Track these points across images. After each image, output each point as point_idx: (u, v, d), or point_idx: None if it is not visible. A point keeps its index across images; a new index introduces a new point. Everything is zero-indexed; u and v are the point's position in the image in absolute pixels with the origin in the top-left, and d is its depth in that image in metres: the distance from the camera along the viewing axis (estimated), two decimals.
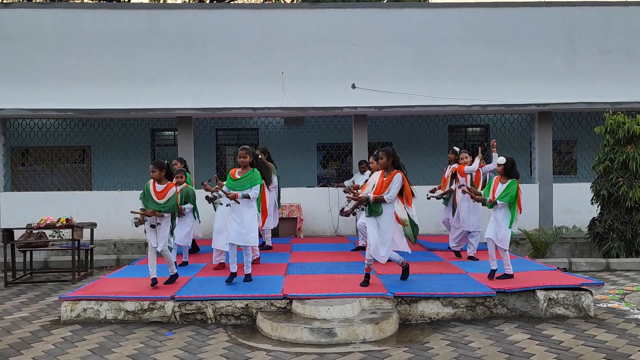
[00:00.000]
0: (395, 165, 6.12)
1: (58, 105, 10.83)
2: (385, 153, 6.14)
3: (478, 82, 11.19)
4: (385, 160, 6.11)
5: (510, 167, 6.33)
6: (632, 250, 9.13)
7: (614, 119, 9.31)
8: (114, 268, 8.98)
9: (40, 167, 12.83)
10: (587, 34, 11.47)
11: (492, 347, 4.83)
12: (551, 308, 5.82)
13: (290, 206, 10.76)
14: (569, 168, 13.23)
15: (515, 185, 6.23)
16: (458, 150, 8.47)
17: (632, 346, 4.83)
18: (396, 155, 6.14)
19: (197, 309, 5.73)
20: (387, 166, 6.12)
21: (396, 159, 6.13)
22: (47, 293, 7.47)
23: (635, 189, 9.00)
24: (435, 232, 10.27)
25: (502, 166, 6.35)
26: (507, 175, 6.32)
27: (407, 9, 11.42)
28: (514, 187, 6.21)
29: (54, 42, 11.17)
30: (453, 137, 13.41)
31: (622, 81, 11.30)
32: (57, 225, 8.21)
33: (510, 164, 6.34)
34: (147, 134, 13.01)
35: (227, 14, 11.58)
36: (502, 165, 6.36)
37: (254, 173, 6.43)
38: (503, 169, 6.35)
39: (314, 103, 11.00)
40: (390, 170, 6.10)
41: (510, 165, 6.33)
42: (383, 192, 5.99)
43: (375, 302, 5.68)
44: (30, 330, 5.55)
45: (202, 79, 11.18)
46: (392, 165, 6.12)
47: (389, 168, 6.12)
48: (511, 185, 6.23)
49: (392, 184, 5.99)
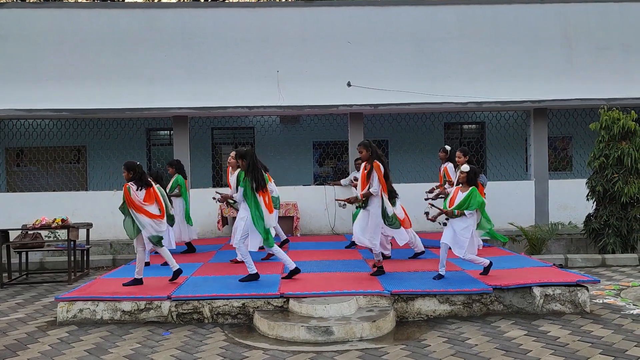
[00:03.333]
0: (374, 157, 6.30)
1: (53, 105, 10.78)
2: (363, 146, 6.36)
3: (474, 79, 11.19)
4: (365, 153, 6.33)
5: (473, 176, 6.25)
6: (627, 246, 9.16)
7: (609, 115, 9.33)
8: (110, 268, 8.97)
9: (36, 168, 12.78)
10: (584, 30, 11.47)
11: (488, 344, 4.84)
12: (547, 304, 5.84)
13: (287, 205, 10.75)
14: (564, 164, 13.26)
15: (476, 192, 6.16)
16: (449, 148, 8.49)
17: (628, 341, 4.85)
18: (373, 146, 6.35)
19: (194, 308, 5.72)
20: (367, 158, 6.32)
21: (374, 149, 6.34)
22: (43, 294, 7.44)
23: (630, 185, 9.03)
24: (431, 229, 10.27)
25: (466, 174, 6.25)
26: (469, 183, 6.25)
27: (403, 7, 11.39)
28: (475, 193, 6.13)
29: (49, 41, 11.11)
30: (449, 135, 13.42)
31: (619, 77, 11.30)
32: (52, 226, 8.17)
33: (473, 173, 6.27)
34: (143, 133, 12.97)
35: (222, 12, 11.54)
36: (465, 172, 6.25)
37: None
38: (466, 176, 6.24)
39: (310, 101, 10.98)
40: (371, 162, 6.29)
41: (472, 174, 6.25)
42: (367, 186, 6.23)
43: (372, 300, 5.68)
44: (26, 332, 5.54)
45: (197, 78, 11.14)
46: (371, 156, 6.27)
47: (370, 160, 6.31)
48: (472, 192, 6.14)
49: (372, 176, 6.23)
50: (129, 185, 6.16)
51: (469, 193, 6.15)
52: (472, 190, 6.18)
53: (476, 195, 6.15)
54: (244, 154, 6.41)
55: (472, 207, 6.12)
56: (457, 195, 6.26)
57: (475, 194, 6.17)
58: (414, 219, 10.89)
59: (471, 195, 6.14)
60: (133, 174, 6.24)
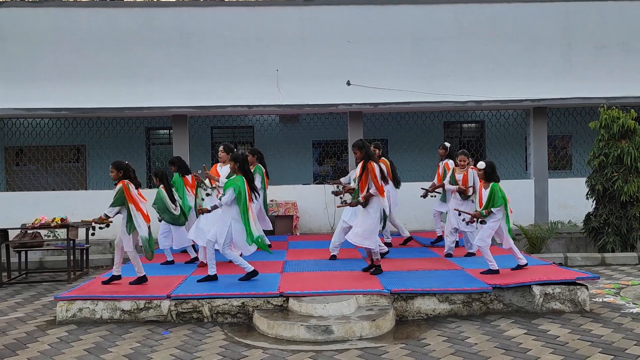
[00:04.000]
0: (367, 157, 6.32)
1: (52, 105, 10.77)
2: (356, 147, 6.40)
3: (473, 78, 11.18)
4: (360, 154, 6.36)
5: (490, 172, 6.35)
6: (627, 245, 9.16)
7: (609, 114, 9.32)
8: (110, 267, 8.94)
9: (35, 167, 12.77)
10: (583, 29, 11.45)
11: (488, 343, 4.84)
12: (547, 303, 5.84)
13: (286, 204, 10.74)
14: (564, 163, 13.26)
15: (497, 187, 6.27)
16: (449, 145, 8.48)
17: (627, 340, 4.85)
18: (366, 146, 6.38)
19: (194, 307, 5.72)
20: (362, 158, 6.35)
21: (367, 149, 6.36)
22: (42, 293, 7.44)
23: (630, 184, 9.02)
24: (431, 228, 10.27)
25: (482, 171, 6.36)
26: (487, 179, 6.35)
27: (402, 6, 11.37)
28: (496, 189, 6.25)
29: (48, 40, 11.08)
30: (448, 134, 13.42)
31: (618, 76, 11.28)
32: (52, 225, 8.17)
33: (490, 168, 6.36)
34: (142, 132, 12.96)
35: (221, 11, 11.51)
36: (482, 170, 6.36)
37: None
38: (483, 173, 6.36)
39: (309, 100, 10.98)
40: (365, 161, 6.32)
41: (490, 170, 6.35)
42: (366, 187, 6.26)
43: (371, 299, 5.68)
44: (25, 331, 5.53)
45: (197, 77, 11.12)
46: (365, 156, 6.28)
47: (365, 160, 6.34)
48: (493, 188, 6.26)
49: (370, 177, 6.27)
50: (126, 182, 6.13)
51: (490, 190, 6.27)
52: (493, 186, 6.28)
53: (498, 191, 6.24)
54: (237, 157, 6.31)
55: (497, 204, 6.22)
56: (482, 194, 6.40)
57: (497, 190, 6.25)
58: (414, 218, 11.01)
59: (493, 192, 6.24)
60: (123, 173, 6.17)
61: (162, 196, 7.51)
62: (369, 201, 6.38)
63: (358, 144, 6.37)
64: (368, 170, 6.25)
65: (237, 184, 6.21)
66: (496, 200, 6.21)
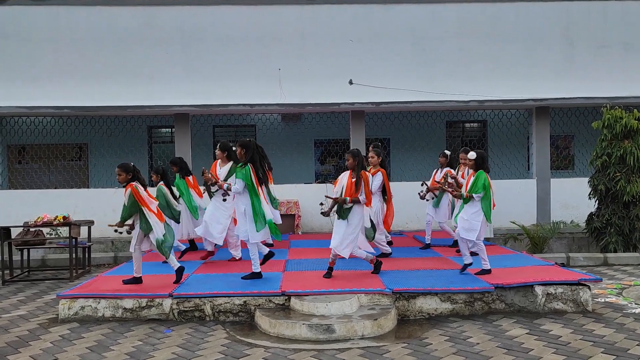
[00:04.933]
0: (360, 167, 6.31)
1: (54, 103, 10.78)
2: (351, 155, 6.36)
3: (475, 78, 11.16)
4: (352, 161, 6.31)
5: (481, 162, 6.41)
6: (629, 245, 9.14)
7: (612, 113, 9.30)
8: (112, 266, 8.97)
9: (37, 165, 12.79)
10: (585, 28, 11.43)
11: (490, 342, 4.84)
12: (549, 303, 5.83)
13: (288, 203, 10.75)
14: (566, 163, 13.24)
15: (483, 175, 6.30)
16: (449, 153, 8.44)
17: (630, 340, 4.84)
18: (361, 156, 6.37)
19: (195, 306, 5.72)
20: (354, 167, 6.30)
21: (361, 159, 6.35)
22: (44, 291, 7.45)
23: (633, 184, 9.01)
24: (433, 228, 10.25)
25: (473, 161, 6.41)
26: (477, 170, 6.40)
27: (404, 5, 11.36)
28: (481, 176, 6.28)
29: (50, 39, 11.09)
30: (450, 133, 13.40)
31: (620, 75, 11.26)
32: (54, 223, 8.18)
33: (481, 159, 6.41)
34: (144, 131, 12.97)
35: (223, 10, 11.51)
36: (472, 160, 6.42)
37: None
38: (474, 163, 6.40)
39: (311, 99, 10.98)
40: (357, 170, 6.27)
41: (480, 160, 6.40)
42: (354, 192, 6.18)
43: (373, 298, 5.68)
44: (28, 329, 5.54)
45: (198, 76, 11.12)
46: (357, 166, 6.26)
47: (356, 168, 6.29)
48: (479, 175, 6.30)
49: (363, 185, 6.22)
50: (134, 185, 6.09)
51: (475, 176, 6.30)
52: (479, 173, 6.31)
53: (483, 179, 6.24)
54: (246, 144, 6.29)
55: (479, 190, 6.22)
56: (470, 181, 6.42)
57: (481, 177, 6.26)
58: (415, 218, 10.99)
59: (478, 178, 6.27)
60: (132, 176, 6.14)
61: (163, 192, 7.50)
62: (351, 211, 6.26)
63: (353, 152, 6.37)
64: (363, 179, 6.26)
65: (243, 172, 6.25)
66: (478, 186, 6.23)
